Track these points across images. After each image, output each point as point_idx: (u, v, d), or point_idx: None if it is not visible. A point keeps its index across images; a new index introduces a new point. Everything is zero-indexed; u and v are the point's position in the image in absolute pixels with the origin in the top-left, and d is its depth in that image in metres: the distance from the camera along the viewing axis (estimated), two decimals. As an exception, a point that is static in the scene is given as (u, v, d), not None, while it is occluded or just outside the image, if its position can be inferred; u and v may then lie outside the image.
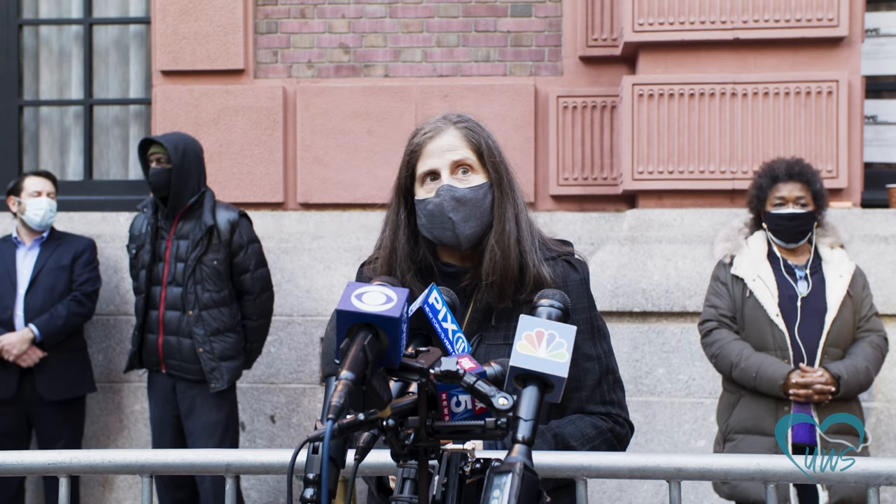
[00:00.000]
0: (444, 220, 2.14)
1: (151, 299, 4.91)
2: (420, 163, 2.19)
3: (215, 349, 4.83)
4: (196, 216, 4.91)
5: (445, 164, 2.17)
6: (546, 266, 2.18)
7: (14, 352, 5.00)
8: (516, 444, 1.46)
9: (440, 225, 2.15)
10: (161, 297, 4.89)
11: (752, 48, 5.21)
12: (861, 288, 4.06)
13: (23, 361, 5.05)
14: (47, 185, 5.26)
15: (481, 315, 2.17)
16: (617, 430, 2.22)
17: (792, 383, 3.87)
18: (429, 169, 2.18)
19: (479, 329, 2.17)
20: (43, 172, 5.39)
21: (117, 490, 5.69)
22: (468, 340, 2.12)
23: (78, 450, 2.85)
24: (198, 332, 4.81)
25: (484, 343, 2.15)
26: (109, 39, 6.32)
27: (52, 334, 5.09)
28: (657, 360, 5.03)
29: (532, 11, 5.79)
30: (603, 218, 5.60)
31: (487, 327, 2.17)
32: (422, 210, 2.17)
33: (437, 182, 2.16)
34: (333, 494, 1.44)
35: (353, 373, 1.43)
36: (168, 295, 4.87)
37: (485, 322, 2.17)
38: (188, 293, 4.82)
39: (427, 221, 2.17)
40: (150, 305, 4.91)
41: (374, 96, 5.79)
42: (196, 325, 4.81)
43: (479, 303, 2.18)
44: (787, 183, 4.06)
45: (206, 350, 4.82)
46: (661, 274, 5.08)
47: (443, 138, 2.19)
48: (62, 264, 5.21)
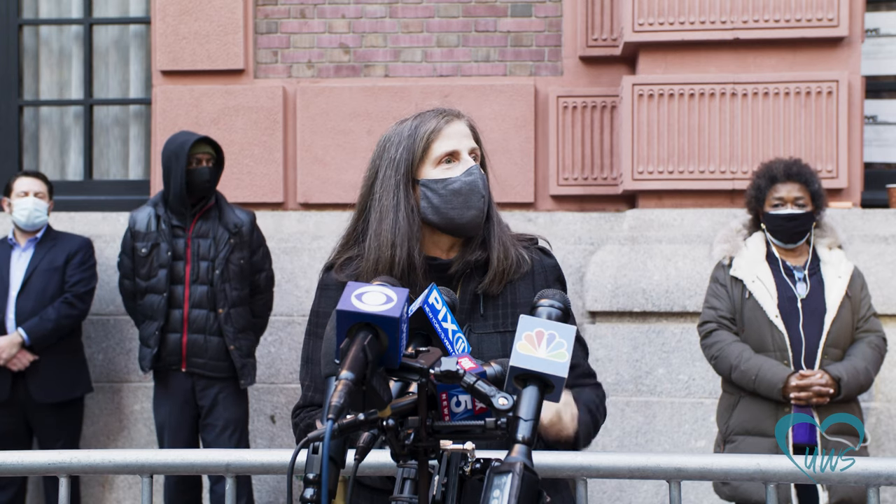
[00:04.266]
0: (473, 198, 2.15)
1: (174, 298, 4.91)
2: (437, 143, 2.17)
3: (243, 346, 4.93)
4: (214, 215, 4.95)
5: (466, 147, 2.19)
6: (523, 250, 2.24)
7: (3, 356, 4.97)
8: (516, 444, 1.46)
9: (464, 204, 2.15)
10: (185, 296, 4.89)
11: (752, 48, 5.21)
12: (859, 288, 4.05)
13: (13, 365, 5.02)
14: (36, 184, 5.21)
15: (469, 305, 2.18)
16: (601, 393, 2.30)
17: (791, 386, 3.87)
18: (451, 149, 2.17)
19: (467, 319, 2.17)
20: (33, 172, 5.37)
21: (117, 490, 5.69)
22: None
23: (78, 450, 2.85)
24: (228, 330, 4.87)
25: (474, 333, 2.15)
26: (109, 39, 6.32)
27: (42, 337, 5.05)
28: (657, 360, 5.03)
29: (532, 11, 5.80)
30: (603, 218, 5.60)
31: (476, 317, 2.17)
32: (439, 189, 2.16)
33: (456, 164, 2.17)
34: (333, 494, 1.44)
35: (353, 373, 1.43)
36: (193, 293, 4.89)
37: (473, 312, 2.18)
38: (218, 291, 4.86)
39: (445, 202, 2.15)
40: (172, 304, 4.91)
41: (374, 96, 5.80)
42: (226, 323, 4.87)
43: (466, 293, 2.18)
44: (785, 183, 4.06)
45: (237, 347, 4.90)
46: (661, 274, 5.08)
47: (458, 125, 2.21)
48: (55, 265, 5.17)
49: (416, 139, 2.18)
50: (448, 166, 2.17)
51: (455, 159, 2.18)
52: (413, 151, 2.18)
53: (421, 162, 2.18)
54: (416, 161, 2.18)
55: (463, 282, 2.19)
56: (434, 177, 2.17)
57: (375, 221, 2.19)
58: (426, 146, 2.17)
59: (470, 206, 2.15)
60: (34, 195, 5.18)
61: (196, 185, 4.91)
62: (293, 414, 2.27)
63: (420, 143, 2.17)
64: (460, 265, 2.18)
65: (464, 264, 2.18)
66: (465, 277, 2.19)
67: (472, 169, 2.16)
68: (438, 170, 2.17)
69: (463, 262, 2.18)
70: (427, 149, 2.18)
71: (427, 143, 2.18)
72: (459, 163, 2.18)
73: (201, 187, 4.92)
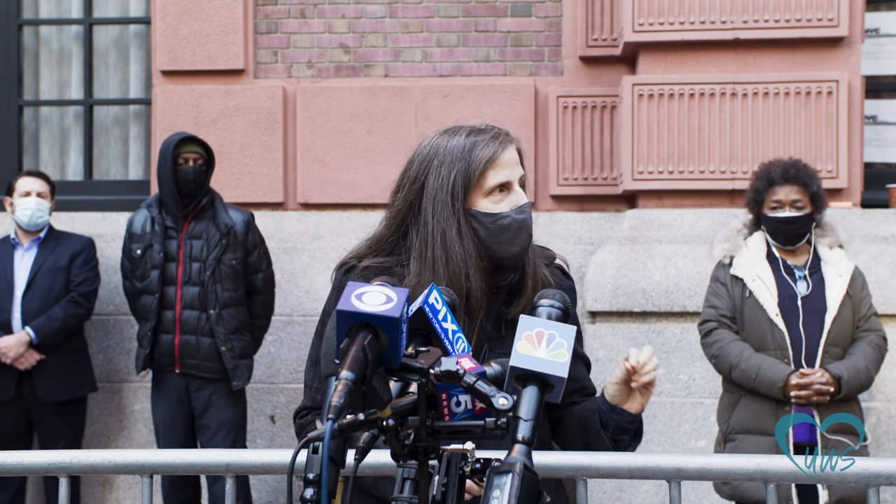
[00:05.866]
0: (520, 238, 2.12)
1: (166, 299, 4.91)
2: (492, 173, 2.11)
3: (236, 347, 4.90)
4: (208, 216, 4.94)
5: (516, 177, 2.14)
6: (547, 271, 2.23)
7: (11, 355, 4.98)
8: (516, 444, 1.46)
9: (511, 240, 2.11)
10: (177, 297, 4.89)
11: (752, 48, 5.21)
12: (860, 288, 4.06)
13: (20, 364, 5.03)
14: (38, 184, 5.22)
15: (492, 325, 2.17)
16: None
17: (792, 385, 3.87)
18: (504, 180, 2.12)
19: (487, 339, 2.17)
20: (35, 172, 5.38)
21: (117, 490, 5.69)
22: (479, 350, 2.14)
23: (78, 450, 2.86)
24: (220, 331, 4.85)
25: (493, 352, 2.15)
26: (109, 39, 6.32)
27: (49, 336, 5.07)
28: (657, 360, 5.03)
29: (532, 11, 5.80)
30: (603, 218, 5.60)
31: (496, 336, 2.17)
32: (487, 223, 2.11)
33: (507, 195, 2.12)
34: (333, 494, 1.44)
35: (353, 373, 1.43)
36: (185, 294, 4.89)
37: (495, 332, 2.18)
38: (209, 292, 4.85)
39: (492, 236, 2.11)
40: (164, 305, 4.91)
41: (374, 96, 5.80)
42: (217, 324, 4.85)
43: (491, 311, 2.17)
44: (783, 186, 4.05)
45: (229, 348, 4.87)
46: (661, 274, 5.08)
47: (511, 151, 2.15)
48: (59, 265, 5.19)
49: (472, 164, 2.10)
50: (499, 197, 2.12)
51: (507, 190, 2.13)
52: (468, 177, 2.10)
53: (474, 189, 2.12)
54: (471, 188, 2.11)
55: (489, 301, 2.17)
56: (484, 209, 2.11)
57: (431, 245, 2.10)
58: (481, 174, 2.11)
59: (516, 243, 2.12)
60: (36, 195, 5.18)
61: (182, 185, 4.90)
62: (296, 415, 2.25)
63: (476, 170, 2.10)
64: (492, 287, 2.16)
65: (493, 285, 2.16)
66: (491, 297, 2.17)
67: (524, 207, 2.12)
68: (489, 201, 2.12)
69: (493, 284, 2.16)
70: (482, 177, 2.11)
71: (483, 172, 2.11)
72: (510, 194, 2.13)
73: (187, 187, 4.91)
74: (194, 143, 4.99)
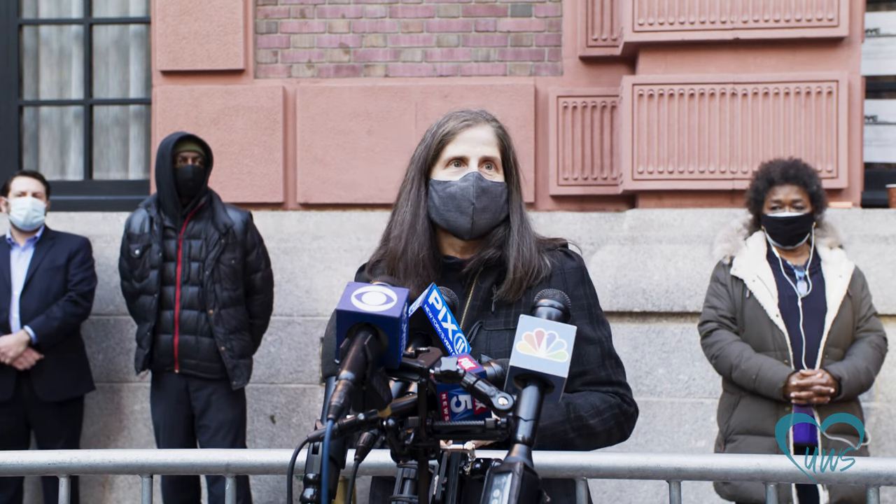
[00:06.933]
0: (464, 204, 2.17)
1: (165, 299, 4.91)
2: (451, 146, 2.22)
3: (235, 347, 4.90)
4: (206, 216, 4.94)
5: (476, 154, 2.22)
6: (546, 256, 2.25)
7: (10, 354, 4.98)
8: (516, 444, 1.46)
9: (457, 208, 2.18)
10: (176, 297, 4.89)
11: (752, 48, 5.21)
12: (860, 288, 4.05)
13: (19, 364, 5.03)
14: (33, 184, 5.21)
15: (482, 302, 2.20)
16: (624, 407, 2.22)
17: (792, 385, 3.87)
18: (459, 154, 2.21)
19: (479, 316, 2.19)
20: (31, 172, 5.37)
21: (117, 490, 5.69)
22: (468, 328, 2.16)
23: (78, 450, 2.86)
24: (219, 331, 4.85)
25: (484, 330, 2.17)
26: (109, 39, 6.32)
27: (49, 336, 5.07)
28: (657, 360, 5.03)
29: (532, 11, 5.79)
30: (603, 218, 5.60)
31: (487, 314, 2.19)
32: (439, 191, 2.20)
33: (463, 168, 2.21)
34: (333, 494, 1.44)
35: (353, 373, 1.43)
36: (184, 294, 4.88)
37: (485, 309, 2.19)
38: (208, 292, 4.84)
39: (442, 203, 2.19)
40: (163, 306, 4.91)
41: (374, 96, 5.80)
42: (216, 324, 4.85)
43: (480, 290, 2.20)
44: (783, 186, 4.05)
45: (228, 348, 4.87)
46: (661, 274, 5.08)
47: (479, 131, 2.24)
48: (57, 265, 5.18)
49: (435, 137, 2.23)
50: (455, 170, 2.21)
51: (463, 164, 2.21)
52: (429, 149, 2.23)
53: (434, 161, 2.23)
54: (430, 159, 2.23)
55: (477, 279, 2.21)
56: (440, 177, 2.21)
57: (398, 216, 2.25)
58: (440, 147, 2.22)
59: (462, 211, 2.18)
60: (32, 195, 5.18)
61: (181, 184, 4.90)
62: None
63: (436, 142, 2.23)
64: (473, 264, 2.20)
65: (476, 262, 2.20)
66: (479, 275, 2.21)
67: (468, 175, 2.19)
68: (446, 172, 2.22)
69: (476, 261, 2.20)
70: (441, 149, 2.23)
71: (441, 144, 2.23)
72: (466, 168, 2.21)
73: (186, 186, 4.91)
74: (193, 141, 4.99)
